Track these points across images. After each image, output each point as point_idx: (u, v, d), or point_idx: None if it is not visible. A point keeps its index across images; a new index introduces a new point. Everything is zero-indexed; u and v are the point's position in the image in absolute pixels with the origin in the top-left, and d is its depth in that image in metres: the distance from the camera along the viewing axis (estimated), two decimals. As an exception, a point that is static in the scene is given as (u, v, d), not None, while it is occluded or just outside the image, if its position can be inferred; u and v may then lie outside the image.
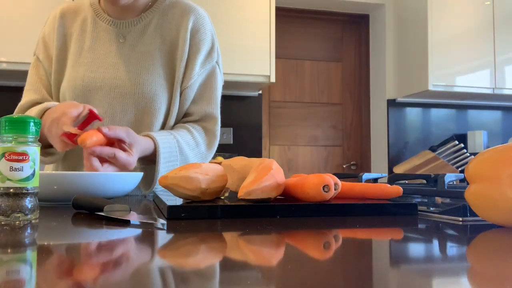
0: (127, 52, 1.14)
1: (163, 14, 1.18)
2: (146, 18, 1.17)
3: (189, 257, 0.37)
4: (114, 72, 1.13)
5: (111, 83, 1.12)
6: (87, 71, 1.13)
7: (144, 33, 1.16)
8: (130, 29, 1.16)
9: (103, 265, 0.34)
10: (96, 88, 1.12)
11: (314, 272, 0.32)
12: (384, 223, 0.58)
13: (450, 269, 0.34)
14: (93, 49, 1.15)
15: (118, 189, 0.84)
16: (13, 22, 2.68)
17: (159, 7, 1.18)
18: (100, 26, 1.17)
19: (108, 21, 1.17)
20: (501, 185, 0.50)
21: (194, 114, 1.18)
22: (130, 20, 1.17)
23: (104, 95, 1.12)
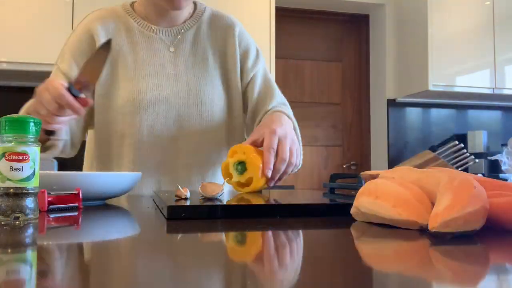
0: (181, 62, 1.16)
1: (208, 25, 1.22)
2: (191, 27, 1.20)
3: (189, 257, 0.37)
4: (176, 83, 1.14)
5: (175, 95, 1.13)
6: (149, 84, 1.11)
7: (194, 43, 1.19)
8: (179, 37, 1.18)
9: (103, 265, 0.34)
10: (161, 100, 1.11)
11: (314, 272, 0.32)
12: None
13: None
14: (148, 61, 1.13)
15: (118, 189, 0.84)
16: (13, 22, 2.68)
17: (201, 17, 1.22)
18: (147, 35, 1.15)
19: (153, 30, 1.16)
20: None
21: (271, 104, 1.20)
22: (176, 28, 1.18)
23: (170, 107, 1.12)
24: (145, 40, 1.15)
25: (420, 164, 1.02)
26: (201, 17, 1.21)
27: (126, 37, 1.14)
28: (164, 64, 1.14)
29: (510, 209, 0.48)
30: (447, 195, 0.46)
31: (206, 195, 0.73)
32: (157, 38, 1.16)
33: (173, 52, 1.16)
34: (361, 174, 0.71)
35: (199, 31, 1.20)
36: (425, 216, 0.48)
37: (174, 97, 1.13)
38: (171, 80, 1.14)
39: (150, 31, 1.16)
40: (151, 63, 1.13)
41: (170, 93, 1.12)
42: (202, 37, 1.19)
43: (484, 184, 0.54)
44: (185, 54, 1.17)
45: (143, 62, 1.13)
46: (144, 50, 1.14)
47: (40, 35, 2.70)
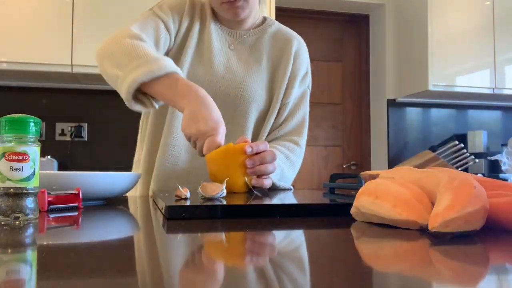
0: (236, 58, 1.22)
1: (270, 37, 1.28)
2: (254, 34, 1.26)
3: (189, 257, 0.37)
4: (224, 71, 1.19)
5: (217, 80, 1.17)
6: (197, 62, 1.17)
7: (252, 48, 1.25)
8: (240, 40, 1.25)
9: (102, 265, 0.34)
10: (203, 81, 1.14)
11: (314, 272, 0.32)
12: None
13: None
14: (208, 46, 1.19)
15: (118, 189, 0.84)
16: (13, 22, 2.68)
17: (267, 29, 1.29)
18: (214, 30, 1.22)
19: (221, 28, 1.24)
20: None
21: (285, 127, 1.26)
22: (241, 32, 1.25)
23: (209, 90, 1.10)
24: (212, 31, 1.22)
25: (420, 164, 1.02)
26: (267, 29, 1.29)
27: (200, 24, 1.22)
28: (221, 54, 1.21)
29: (510, 209, 0.48)
30: (447, 195, 0.46)
31: (206, 195, 0.73)
32: (221, 35, 1.23)
33: (232, 50, 1.23)
34: (361, 174, 0.71)
35: (260, 39, 1.27)
36: (425, 216, 0.48)
37: (216, 83, 1.17)
38: (221, 67, 1.19)
39: (218, 27, 1.24)
40: (209, 49, 1.19)
41: (214, 78, 1.17)
42: (262, 45, 1.26)
43: (484, 184, 0.54)
44: (241, 54, 1.23)
45: (207, 50, 1.19)
46: (209, 38, 1.21)
47: (40, 35, 2.70)
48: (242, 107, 1.19)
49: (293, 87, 1.26)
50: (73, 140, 3.08)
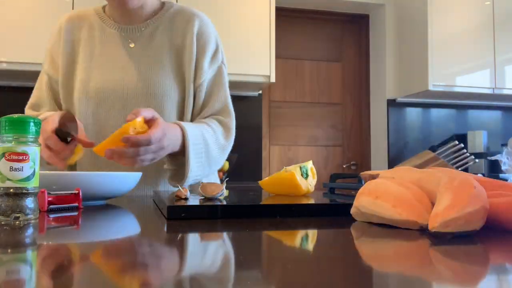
0: (136, 56, 1.19)
1: (169, 21, 1.23)
2: (153, 24, 1.22)
3: (189, 257, 0.37)
4: (125, 75, 1.17)
5: (123, 85, 1.16)
6: (99, 74, 1.17)
7: (152, 39, 1.21)
8: (138, 34, 1.21)
9: (102, 266, 0.34)
10: (110, 90, 1.15)
11: (314, 272, 0.32)
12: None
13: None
14: (104, 54, 1.19)
15: (118, 189, 0.84)
16: (13, 22, 2.68)
17: (164, 14, 1.24)
18: (108, 32, 1.21)
19: (115, 27, 1.21)
20: None
21: (207, 111, 1.22)
22: (137, 26, 1.22)
23: (118, 97, 1.15)
24: (105, 35, 1.21)
25: (420, 164, 1.02)
26: (165, 14, 1.24)
27: (87, 33, 1.22)
28: (119, 57, 1.19)
29: (510, 209, 0.48)
30: (447, 195, 0.46)
31: (206, 195, 0.73)
32: (117, 35, 1.21)
33: (132, 47, 1.20)
34: (361, 174, 0.71)
35: (159, 27, 1.22)
36: (425, 216, 0.48)
37: (122, 87, 1.16)
38: (122, 71, 1.17)
39: (112, 28, 1.21)
40: (106, 55, 1.19)
41: (118, 84, 1.16)
42: (161, 33, 1.21)
43: (484, 184, 0.54)
44: (142, 49, 1.20)
45: (98, 55, 1.19)
46: (102, 45, 1.20)
47: (40, 35, 2.70)
48: (154, 103, 1.15)
49: (202, 68, 1.20)
50: (73, 140, 3.08)
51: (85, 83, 1.17)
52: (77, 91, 1.18)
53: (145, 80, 1.16)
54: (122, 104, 1.15)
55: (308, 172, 0.89)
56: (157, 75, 1.17)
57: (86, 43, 1.21)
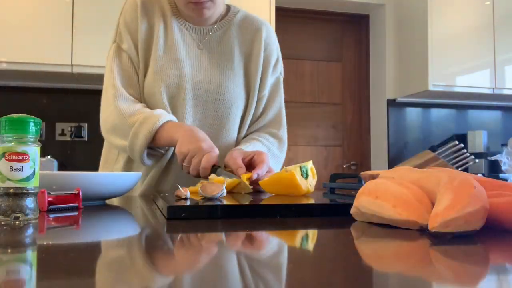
0: (207, 58, 1.18)
1: (238, 27, 1.23)
2: (221, 28, 1.22)
3: (189, 257, 0.37)
4: (198, 75, 1.16)
5: (195, 85, 1.15)
6: (172, 68, 1.14)
7: (221, 43, 1.21)
8: (208, 36, 1.20)
9: (102, 265, 0.34)
10: (182, 86, 1.13)
11: (314, 272, 0.32)
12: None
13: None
14: (177, 48, 1.16)
15: (118, 189, 0.84)
16: (13, 22, 2.68)
17: (233, 19, 1.24)
18: (179, 28, 1.18)
19: (186, 25, 1.19)
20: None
21: (262, 120, 1.24)
22: (206, 28, 1.21)
23: (189, 95, 1.14)
24: (177, 30, 1.18)
25: (420, 164, 1.02)
26: (232, 20, 1.24)
27: (162, 21, 1.17)
28: (191, 56, 1.17)
29: (510, 209, 0.47)
30: (447, 195, 0.45)
31: (206, 195, 0.73)
32: (187, 34, 1.19)
33: (201, 50, 1.19)
34: (361, 174, 0.71)
35: (228, 33, 1.22)
36: (425, 216, 0.48)
37: (194, 87, 1.14)
38: (195, 71, 1.16)
39: (182, 25, 1.19)
40: (179, 51, 1.16)
41: (191, 82, 1.14)
42: (230, 39, 1.21)
43: (484, 184, 0.54)
44: (211, 53, 1.19)
45: (172, 46, 1.16)
46: (176, 38, 1.17)
47: (40, 35, 2.70)
48: (222, 109, 1.16)
49: (266, 77, 1.23)
50: (73, 140, 3.08)
51: (159, 74, 1.13)
52: (150, 81, 1.13)
53: (217, 84, 1.16)
54: (192, 104, 1.14)
55: (308, 172, 0.89)
56: (228, 81, 1.17)
57: (162, 32, 1.16)
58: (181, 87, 1.13)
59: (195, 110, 1.15)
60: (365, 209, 0.55)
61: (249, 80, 1.22)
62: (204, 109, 1.15)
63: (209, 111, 1.16)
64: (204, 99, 1.15)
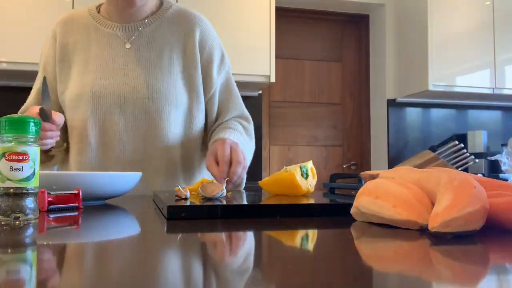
0: (134, 58, 1.15)
1: (169, 22, 1.19)
2: (151, 24, 1.18)
3: (189, 257, 0.37)
4: (123, 78, 1.14)
5: (121, 89, 1.13)
6: (96, 78, 1.13)
7: (151, 40, 1.17)
8: (136, 34, 1.17)
9: (103, 266, 0.34)
10: (107, 94, 1.12)
11: (314, 272, 0.32)
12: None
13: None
14: (100, 56, 1.15)
15: (118, 189, 0.84)
16: (13, 22, 2.68)
17: (163, 14, 1.20)
18: (103, 32, 1.17)
19: (111, 27, 1.17)
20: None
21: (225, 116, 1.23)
22: (134, 24, 1.18)
23: (115, 101, 1.13)
24: (101, 37, 1.17)
25: (420, 164, 1.02)
26: (164, 14, 1.20)
27: (82, 35, 1.18)
28: (116, 59, 1.15)
29: (510, 209, 0.47)
30: (447, 195, 0.45)
31: (206, 195, 0.73)
32: (113, 35, 1.17)
33: (129, 48, 1.16)
34: (361, 174, 0.71)
35: (159, 28, 1.18)
36: (425, 216, 0.48)
37: (120, 91, 1.12)
38: (120, 74, 1.14)
39: (107, 28, 1.17)
40: (103, 58, 1.15)
41: (116, 88, 1.13)
42: (161, 34, 1.18)
43: (484, 184, 0.54)
44: (140, 50, 1.16)
45: (95, 58, 1.15)
46: (98, 46, 1.16)
47: (40, 35, 2.69)
48: (153, 108, 1.13)
49: (212, 78, 1.20)
50: (73, 140, 3.08)
51: (81, 88, 1.13)
52: (73, 96, 1.14)
53: (143, 84, 1.13)
54: (120, 109, 1.13)
55: (308, 172, 0.89)
56: (156, 79, 1.13)
57: (81, 46, 1.17)
58: (107, 95, 1.12)
59: (124, 114, 1.13)
60: (365, 209, 0.55)
61: (188, 78, 1.18)
62: (133, 110, 1.13)
63: (139, 112, 1.13)
64: (132, 101, 1.13)
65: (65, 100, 1.17)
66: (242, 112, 1.26)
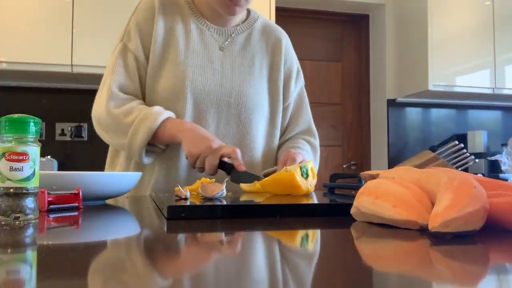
0: (229, 62, 1.17)
1: (260, 33, 1.24)
2: (244, 31, 1.22)
3: (189, 257, 0.37)
4: (220, 80, 1.14)
5: (217, 90, 1.13)
6: (194, 74, 1.11)
7: (244, 47, 1.20)
8: (229, 40, 1.19)
9: (103, 265, 0.34)
10: (205, 93, 1.12)
11: (314, 272, 0.32)
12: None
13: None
14: (197, 52, 1.14)
15: (118, 189, 0.84)
16: (13, 22, 2.68)
17: (253, 24, 1.24)
18: (202, 29, 1.17)
19: (208, 26, 1.18)
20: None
21: (292, 130, 1.27)
22: (228, 30, 1.20)
23: (212, 101, 1.13)
24: (198, 32, 1.16)
25: (420, 164, 1.02)
26: (254, 24, 1.24)
27: (181, 23, 1.15)
28: (213, 59, 1.16)
29: (510, 209, 0.47)
30: (447, 195, 0.45)
31: (206, 195, 0.73)
32: (209, 35, 1.17)
33: (223, 52, 1.17)
34: (361, 174, 0.71)
35: (250, 37, 1.22)
36: (425, 216, 0.48)
37: (217, 93, 1.13)
38: (217, 75, 1.14)
39: (203, 26, 1.17)
40: (201, 54, 1.15)
41: (214, 88, 1.13)
42: (253, 43, 1.22)
43: (484, 184, 0.54)
44: (233, 55, 1.18)
45: (193, 51, 1.14)
46: (196, 41, 1.15)
47: (40, 35, 2.70)
48: (245, 115, 1.15)
49: (289, 87, 1.25)
50: (73, 140, 3.08)
51: (179, 80, 1.10)
52: (168, 86, 1.10)
53: (239, 89, 1.15)
54: (216, 110, 1.13)
55: (308, 172, 0.89)
56: (250, 87, 1.16)
57: (180, 35, 1.13)
58: (205, 93, 1.12)
59: (218, 116, 1.13)
60: (365, 209, 0.55)
61: (272, 88, 1.22)
62: (227, 114, 1.14)
63: (232, 116, 1.14)
64: (227, 104, 1.14)
65: (157, 88, 1.11)
66: (309, 126, 1.30)
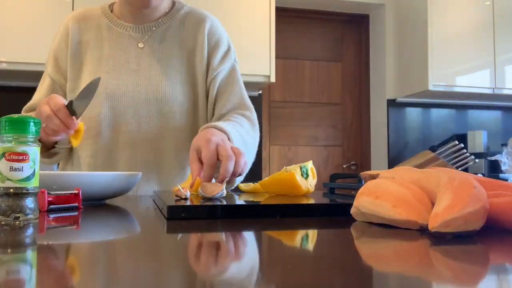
0: (146, 59, 1.17)
1: (180, 23, 1.22)
2: (163, 25, 1.20)
3: (189, 257, 0.37)
4: (136, 79, 1.15)
5: (134, 90, 1.14)
6: (109, 79, 1.14)
7: (163, 40, 1.19)
8: (149, 34, 1.19)
9: (103, 266, 0.34)
10: (120, 95, 1.13)
11: (314, 272, 0.32)
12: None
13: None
14: (113, 56, 1.16)
15: (118, 189, 0.84)
16: (13, 22, 2.68)
17: (175, 15, 1.22)
18: (117, 32, 1.18)
19: (124, 27, 1.19)
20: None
21: (223, 106, 1.18)
22: (147, 25, 1.19)
23: (129, 102, 1.13)
24: (114, 36, 1.18)
25: (420, 164, 1.02)
26: (175, 15, 1.22)
27: (95, 34, 1.18)
28: (129, 59, 1.16)
29: (510, 209, 0.47)
30: (447, 195, 0.45)
31: (206, 195, 0.73)
32: (126, 35, 1.18)
33: (141, 48, 1.17)
34: (361, 174, 0.71)
35: (169, 29, 1.20)
36: (425, 216, 0.48)
37: (133, 92, 1.14)
38: (133, 75, 1.15)
39: (121, 28, 1.18)
40: (116, 58, 1.16)
41: (130, 88, 1.14)
42: (172, 35, 1.20)
43: (484, 184, 0.54)
44: (152, 51, 1.17)
45: (107, 58, 1.16)
46: (111, 46, 1.17)
47: (40, 35, 2.70)
48: (166, 108, 1.14)
49: (212, 64, 1.19)
50: (73, 140, 3.08)
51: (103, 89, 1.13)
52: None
53: (156, 85, 1.14)
54: (134, 110, 1.13)
55: (308, 172, 0.89)
56: (168, 79, 1.15)
57: (94, 45, 1.17)
58: (120, 95, 1.13)
59: (137, 115, 1.14)
60: (365, 209, 0.55)
61: (193, 74, 1.19)
62: (148, 111, 1.14)
63: (153, 111, 1.14)
64: (145, 101, 1.14)
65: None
66: (241, 100, 1.20)
